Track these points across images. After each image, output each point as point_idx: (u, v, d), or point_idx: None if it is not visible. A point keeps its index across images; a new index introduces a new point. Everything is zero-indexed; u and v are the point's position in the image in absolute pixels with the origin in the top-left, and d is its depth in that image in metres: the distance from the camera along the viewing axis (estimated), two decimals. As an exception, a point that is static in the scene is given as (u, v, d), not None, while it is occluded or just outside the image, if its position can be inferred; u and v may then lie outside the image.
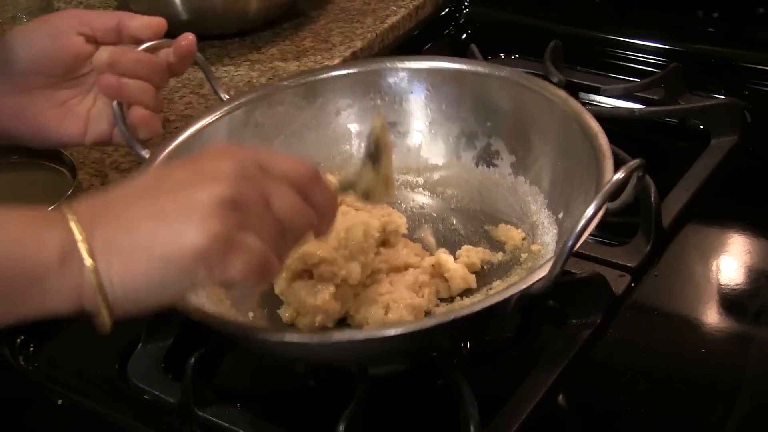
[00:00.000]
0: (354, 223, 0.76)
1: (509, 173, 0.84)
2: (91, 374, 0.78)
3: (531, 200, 0.82)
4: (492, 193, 0.85)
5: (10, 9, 1.21)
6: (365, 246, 0.75)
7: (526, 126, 0.83)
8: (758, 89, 1.10)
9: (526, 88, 0.82)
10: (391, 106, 0.89)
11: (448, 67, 0.87)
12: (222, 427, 0.70)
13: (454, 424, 0.67)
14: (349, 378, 0.72)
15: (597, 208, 0.59)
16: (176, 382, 0.73)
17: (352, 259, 0.74)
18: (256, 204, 0.56)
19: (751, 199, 0.94)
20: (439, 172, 0.88)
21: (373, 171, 0.71)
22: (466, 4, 1.32)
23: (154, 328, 0.78)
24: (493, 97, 0.85)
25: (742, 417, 0.70)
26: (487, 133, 0.85)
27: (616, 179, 0.60)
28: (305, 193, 0.59)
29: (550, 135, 0.80)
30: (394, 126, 0.89)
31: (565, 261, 0.60)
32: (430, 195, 0.88)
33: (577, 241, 0.59)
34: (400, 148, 0.89)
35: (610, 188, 0.60)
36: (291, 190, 0.58)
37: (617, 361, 0.75)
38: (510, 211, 0.83)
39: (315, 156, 0.89)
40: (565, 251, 0.59)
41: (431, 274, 0.77)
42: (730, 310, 0.80)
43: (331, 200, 0.62)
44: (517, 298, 0.61)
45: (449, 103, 0.87)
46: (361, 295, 0.75)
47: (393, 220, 0.80)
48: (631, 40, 1.18)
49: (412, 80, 0.88)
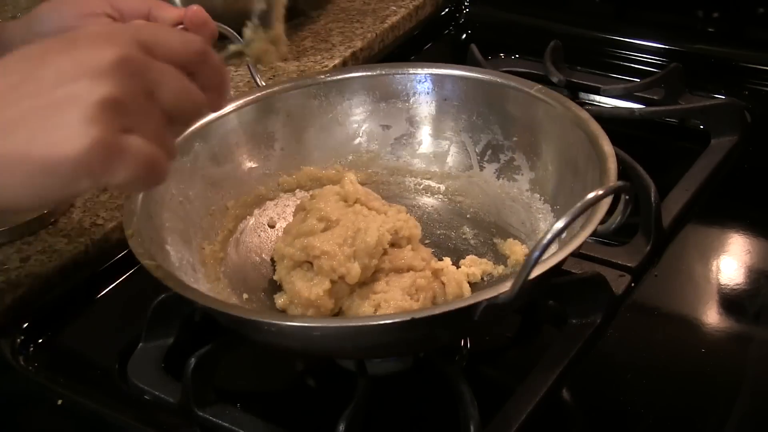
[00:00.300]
0: (369, 227, 0.76)
1: (527, 189, 0.84)
2: (91, 374, 0.78)
3: (541, 218, 0.82)
4: (507, 207, 0.85)
5: (10, 9, 1.21)
6: (374, 252, 0.75)
7: (548, 144, 0.83)
8: (758, 89, 1.10)
9: (551, 105, 0.82)
10: (423, 111, 0.90)
11: (480, 78, 0.87)
12: (222, 427, 0.70)
13: (454, 424, 0.67)
14: (349, 378, 0.72)
15: (565, 223, 0.58)
16: (176, 382, 0.73)
17: (355, 259, 0.74)
18: (140, 99, 0.52)
19: (751, 199, 0.94)
20: (460, 180, 0.89)
21: (264, 32, 0.71)
22: (466, 4, 1.32)
23: (154, 328, 0.78)
24: (520, 112, 0.85)
25: (742, 417, 0.70)
26: (512, 148, 0.86)
27: (590, 198, 0.60)
28: (194, 72, 0.56)
29: (564, 154, 0.80)
30: (423, 131, 0.90)
31: (528, 273, 0.59)
32: (449, 202, 0.88)
33: (541, 254, 0.58)
34: (427, 153, 0.90)
35: (582, 206, 0.59)
36: (177, 75, 0.55)
37: (617, 361, 0.75)
38: (520, 227, 0.83)
39: (341, 151, 0.90)
40: (529, 264, 0.59)
41: (431, 279, 0.77)
42: (730, 310, 0.80)
43: (222, 75, 0.59)
44: (485, 306, 0.61)
45: (480, 114, 0.87)
46: (356, 291, 0.75)
47: (408, 227, 0.80)
48: (631, 40, 1.18)
49: (445, 88, 0.88)
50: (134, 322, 0.79)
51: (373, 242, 0.74)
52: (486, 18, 1.30)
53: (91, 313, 0.84)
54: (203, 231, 0.80)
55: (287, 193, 0.88)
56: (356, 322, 0.67)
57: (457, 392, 0.68)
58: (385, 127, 0.90)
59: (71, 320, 0.83)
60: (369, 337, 0.64)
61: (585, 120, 0.78)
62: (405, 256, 0.78)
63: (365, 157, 0.90)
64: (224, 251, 0.80)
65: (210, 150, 0.83)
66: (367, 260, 0.75)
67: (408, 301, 0.74)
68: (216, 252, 0.79)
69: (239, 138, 0.86)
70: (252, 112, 0.87)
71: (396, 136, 0.90)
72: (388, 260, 0.77)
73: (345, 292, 0.75)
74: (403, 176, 0.90)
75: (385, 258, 0.77)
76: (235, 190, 0.84)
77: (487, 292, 0.62)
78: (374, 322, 0.64)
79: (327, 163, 0.89)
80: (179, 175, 0.79)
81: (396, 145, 0.90)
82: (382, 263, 0.76)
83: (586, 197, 0.60)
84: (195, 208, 0.80)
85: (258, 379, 0.79)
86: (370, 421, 0.69)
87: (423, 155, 0.90)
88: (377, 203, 0.82)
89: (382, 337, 0.64)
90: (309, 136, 0.89)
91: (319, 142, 0.89)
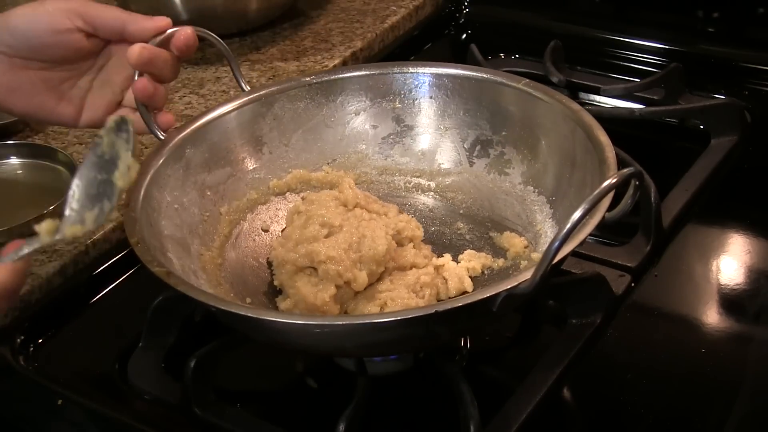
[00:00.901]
0: (376, 234, 0.76)
1: (519, 182, 0.84)
2: (91, 374, 0.78)
3: (537, 209, 0.82)
4: (501, 201, 0.85)
5: (9, 9, 1.21)
6: (382, 260, 0.75)
7: (539, 136, 0.83)
8: (758, 89, 1.10)
9: (541, 99, 0.82)
10: (410, 110, 0.90)
11: (468, 74, 0.87)
12: (222, 427, 0.70)
13: (454, 424, 0.67)
14: (349, 378, 0.72)
15: (584, 212, 0.59)
16: (176, 382, 0.73)
17: (361, 265, 0.74)
18: None
19: (751, 199, 0.94)
20: (451, 177, 0.88)
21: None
22: (466, 4, 1.32)
23: (154, 328, 0.78)
24: (509, 107, 0.85)
25: (742, 417, 0.70)
26: (502, 142, 0.86)
27: (605, 186, 0.60)
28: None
29: (560, 146, 0.80)
30: (411, 129, 0.90)
31: (550, 262, 0.59)
32: (441, 199, 0.88)
33: (563, 244, 0.59)
34: (415, 151, 0.90)
35: (599, 194, 0.60)
36: None
37: (617, 360, 0.75)
38: (516, 220, 0.83)
39: (330, 153, 0.89)
40: (550, 253, 0.59)
41: (434, 276, 0.77)
42: (730, 310, 0.80)
43: None
44: (504, 297, 0.61)
45: (467, 110, 0.87)
46: (360, 291, 0.75)
47: (410, 228, 0.80)
48: (631, 40, 1.18)
49: (432, 85, 0.88)
50: (134, 323, 0.79)
51: (383, 251, 0.75)
52: (486, 18, 1.30)
53: (91, 313, 0.84)
54: (200, 237, 0.80)
55: (278, 196, 0.88)
56: (374, 319, 0.66)
57: (457, 392, 0.68)
58: (372, 126, 0.90)
59: (71, 320, 0.83)
60: (386, 332, 0.64)
61: (577, 111, 0.78)
62: (407, 255, 0.78)
63: (353, 157, 0.90)
64: (222, 257, 0.80)
65: (201, 156, 0.83)
66: (375, 267, 0.75)
67: (414, 299, 0.74)
68: (214, 258, 0.79)
69: (228, 142, 0.85)
70: (239, 117, 0.86)
71: (383, 136, 0.90)
72: (392, 259, 0.77)
73: (350, 295, 0.75)
74: (392, 175, 0.90)
75: (389, 257, 0.77)
76: (227, 196, 0.84)
77: (506, 282, 0.62)
78: (392, 318, 0.63)
79: (316, 165, 0.89)
80: (173, 182, 0.79)
81: (384, 145, 0.90)
82: (386, 263, 0.76)
83: (602, 185, 0.60)
84: (191, 215, 0.80)
85: (258, 379, 0.79)
86: (370, 421, 0.69)
87: (411, 153, 0.90)
88: (376, 205, 0.82)
89: (399, 332, 0.64)
90: (296, 138, 0.89)
91: (307, 144, 0.89)
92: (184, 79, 1.14)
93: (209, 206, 0.82)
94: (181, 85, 1.13)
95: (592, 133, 0.75)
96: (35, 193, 0.93)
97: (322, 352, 0.75)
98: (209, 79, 1.14)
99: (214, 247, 0.80)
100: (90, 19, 0.78)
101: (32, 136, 1.03)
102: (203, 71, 1.16)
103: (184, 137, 0.81)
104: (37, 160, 0.96)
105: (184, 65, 1.17)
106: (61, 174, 0.94)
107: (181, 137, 0.81)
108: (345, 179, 0.84)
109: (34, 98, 0.80)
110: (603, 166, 0.72)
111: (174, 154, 0.80)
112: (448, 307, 0.61)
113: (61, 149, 0.96)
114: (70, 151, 0.98)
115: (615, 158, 0.72)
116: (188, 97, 1.10)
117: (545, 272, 0.60)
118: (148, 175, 0.76)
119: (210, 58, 1.19)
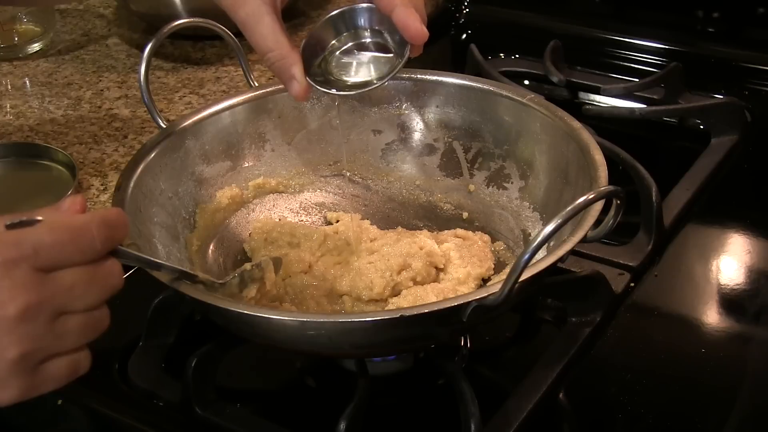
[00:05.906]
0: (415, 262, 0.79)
1: (516, 197, 0.85)
2: (91, 374, 0.78)
3: (530, 225, 0.82)
4: (496, 215, 0.85)
5: (9, 9, 1.21)
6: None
7: (539, 153, 0.83)
8: (758, 89, 1.10)
9: (544, 115, 0.82)
10: (416, 118, 0.90)
11: (475, 86, 0.87)
12: (222, 426, 0.70)
13: (454, 424, 0.67)
14: (349, 377, 0.72)
15: (555, 227, 0.59)
16: (176, 382, 0.73)
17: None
18: (50, 335, 0.54)
19: (751, 199, 0.94)
20: (450, 187, 0.89)
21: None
22: (466, 4, 1.32)
23: (154, 328, 0.78)
24: (512, 121, 0.85)
25: (742, 417, 0.70)
26: (503, 156, 0.86)
27: (581, 202, 0.60)
28: (93, 269, 0.55)
29: (557, 163, 0.80)
30: (414, 136, 0.90)
31: (518, 275, 0.59)
32: (437, 208, 0.88)
33: (531, 257, 0.59)
34: (417, 159, 0.90)
35: (573, 210, 0.60)
36: (82, 286, 0.54)
37: (617, 360, 0.75)
38: (509, 234, 0.84)
39: (334, 155, 0.90)
40: (519, 266, 0.59)
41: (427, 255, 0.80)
42: (730, 310, 0.80)
43: (115, 274, 0.57)
44: (474, 307, 0.61)
45: (472, 122, 0.87)
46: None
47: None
48: (631, 40, 1.18)
49: (440, 95, 0.88)
50: (134, 322, 0.79)
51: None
52: (486, 18, 1.30)
53: (91, 312, 0.84)
54: (191, 227, 0.81)
55: (273, 193, 0.88)
56: (347, 318, 0.68)
57: (457, 390, 0.68)
58: (376, 132, 0.90)
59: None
60: (360, 334, 0.64)
61: (576, 129, 0.78)
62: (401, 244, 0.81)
63: (355, 161, 0.90)
64: (210, 248, 0.81)
65: (201, 147, 0.83)
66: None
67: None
68: (203, 248, 0.80)
69: (230, 137, 0.86)
70: (244, 112, 0.87)
71: (387, 142, 0.90)
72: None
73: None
74: (393, 182, 0.90)
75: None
76: (223, 189, 0.85)
77: (476, 293, 0.62)
78: (363, 319, 0.64)
79: (317, 166, 0.89)
80: (169, 171, 0.80)
81: (387, 151, 0.90)
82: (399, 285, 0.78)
83: (576, 201, 0.60)
84: (183, 204, 0.81)
85: (258, 379, 0.79)
86: (370, 421, 0.69)
87: (413, 161, 0.90)
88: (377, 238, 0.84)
89: (374, 335, 0.64)
90: (300, 138, 0.89)
91: (310, 145, 0.89)
92: (184, 79, 1.14)
93: (205, 197, 0.83)
94: (181, 85, 1.13)
95: (588, 152, 0.75)
96: (35, 192, 0.93)
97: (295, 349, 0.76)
98: (209, 79, 1.14)
99: (204, 237, 0.81)
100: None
101: (32, 136, 1.03)
102: (203, 71, 1.16)
103: (185, 127, 0.82)
104: (37, 160, 0.96)
105: (184, 65, 1.17)
106: (61, 174, 0.94)
107: (182, 126, 0.82)
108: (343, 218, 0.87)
109: None
110: (594, 184, 0.72)
111: (174, 143, 0.81)
112: (414, 313, 0.61)
113: (61, 149, 0.96)
114: (70, 151, 0.98)
115: (606, 177, 0.72)
116: (188, 97, 1.10)
117: (513, 285, 0.59)
118: (143, 161, 0.77)
119: (210, 58, 1.19)
